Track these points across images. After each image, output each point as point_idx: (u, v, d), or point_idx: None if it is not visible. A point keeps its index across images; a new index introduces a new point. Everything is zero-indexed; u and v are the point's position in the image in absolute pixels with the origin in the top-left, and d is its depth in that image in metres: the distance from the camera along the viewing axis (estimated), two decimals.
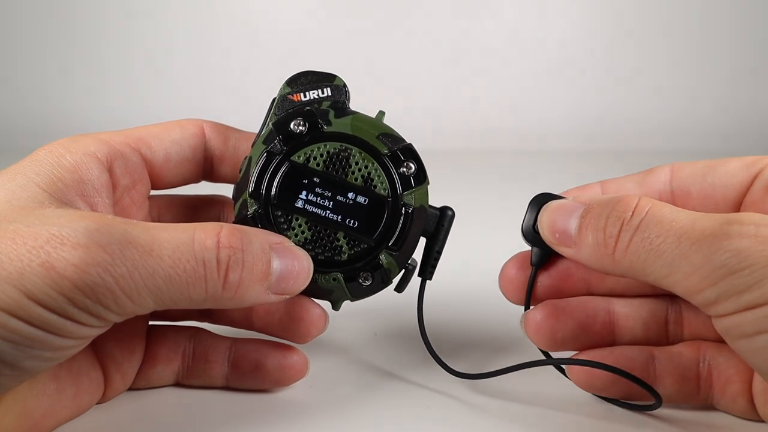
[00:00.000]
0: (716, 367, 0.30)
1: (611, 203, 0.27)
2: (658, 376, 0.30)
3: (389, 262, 0.30)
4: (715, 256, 0.23)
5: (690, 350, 0.31)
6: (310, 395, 0.33)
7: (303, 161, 0.30)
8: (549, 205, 0.30)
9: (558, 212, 0.29)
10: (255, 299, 0.27)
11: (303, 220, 0.30)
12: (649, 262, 0.25)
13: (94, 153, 0.28)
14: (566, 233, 0.28)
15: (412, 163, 0.31)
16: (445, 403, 0.33)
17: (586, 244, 0.27)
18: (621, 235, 0.26)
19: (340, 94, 0.31)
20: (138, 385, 0.33)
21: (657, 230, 0.25)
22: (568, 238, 0.28)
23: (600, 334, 0.31)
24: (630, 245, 0.26)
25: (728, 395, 0.30)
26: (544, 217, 0.29)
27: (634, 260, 0.26)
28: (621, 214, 0.26)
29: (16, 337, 0.22)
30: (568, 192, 0.32)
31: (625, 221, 0.26)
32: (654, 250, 0.25)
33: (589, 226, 0.27)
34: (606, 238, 0.26)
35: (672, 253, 0.24)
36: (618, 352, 0.31)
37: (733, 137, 1.16)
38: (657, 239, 0.25)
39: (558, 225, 0.29)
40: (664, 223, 0.25)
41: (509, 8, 1.26)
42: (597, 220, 0.27)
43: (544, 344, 0.31)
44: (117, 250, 0.23)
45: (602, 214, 0.27)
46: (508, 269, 0.33)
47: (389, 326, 0.42)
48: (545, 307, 0.31)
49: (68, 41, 1.24)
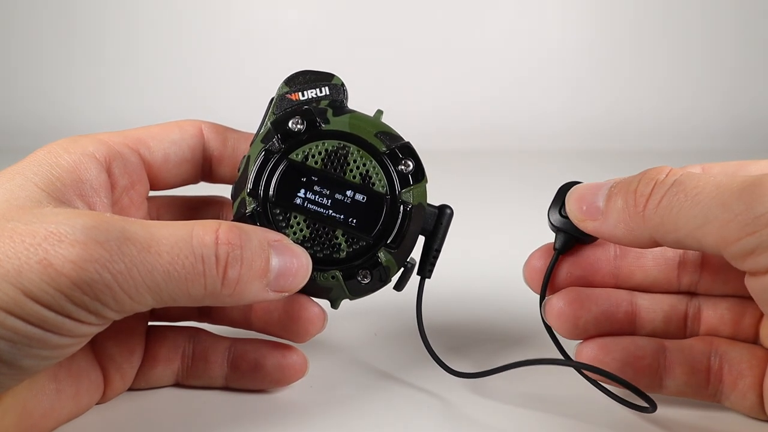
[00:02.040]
0: (728, 361, 0.30)
1: (643, 172, 0.27)
2: (668, 366, 0.30)
3: (388, 260, 0.30)
4: (757, 203, 0.23)
5: (702, 344, 0.31)
6: (310, 395, 0.33)
7: (301, 159, 0.30)
8: (579, 185, 0.30)
9: (587, 188, 0.29)
10: (254, 296, 0.27)
11: (301, 217, 0.30)
12: (682, 213, 0.25)
13: (92, 153, 0.28)
14: (594, 205, 0.28)
15: (410, 161, 0.31)
16: (444, 403, 0.32)
17: (614, 209, 0.27)
18: (654, 192, 0.26)
19: (338, 93, 0.31)
20: (137, 385, 0.32)
21: (693, 182, 0.25)
22: (596, 210, 0.28)
23: (621, 324, 0.31)
24: (663, 199, 0.25)
25: (739, 390, 0.29)
26: (573, 194, 0.29)
27: (666, 213, 0.25)
28: (654, 176, 0.26)
29: (14, 335, 0.22)
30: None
31: (658, 181, 0.26)
32: (690, 200, 0.24)
33: (619, 193, 0.27)
34: (637, 197, 0.26)
35: (710, 201, 0.24)
36: (628, 341, 0.31)
37: (735, 137, 1.16)
38: (693, 190, 0.25)
39: (586, 198, 0.29)
40: (700, 177, 0.25)
41: (509, 7, 1.26)
42: (628, 186, 0.27)
43: (566, 331, 0.31)
44: (115, 247, 0.23)
45: (633, 180, 0.27)
46: (533, 259, 0.32)
47: (389, 326, 0.42)
48: (568, 293, 0.31)
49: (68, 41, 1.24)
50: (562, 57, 1.26)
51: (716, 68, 1.26)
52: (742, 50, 1.26)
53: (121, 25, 1.25)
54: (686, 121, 1.21)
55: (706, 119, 1.21)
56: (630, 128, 1.19)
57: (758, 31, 1.26)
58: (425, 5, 1.26)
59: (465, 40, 1.26)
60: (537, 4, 1.27)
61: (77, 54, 1.24)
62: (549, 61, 1.26)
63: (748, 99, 1.24)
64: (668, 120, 1.21)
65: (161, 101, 1.18)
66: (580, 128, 1.18)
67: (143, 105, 1.18)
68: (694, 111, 1.22)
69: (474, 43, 1.26)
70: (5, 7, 1.23)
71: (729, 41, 1.26)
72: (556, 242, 0.32)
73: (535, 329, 0.41)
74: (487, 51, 1.26)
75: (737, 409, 0.30)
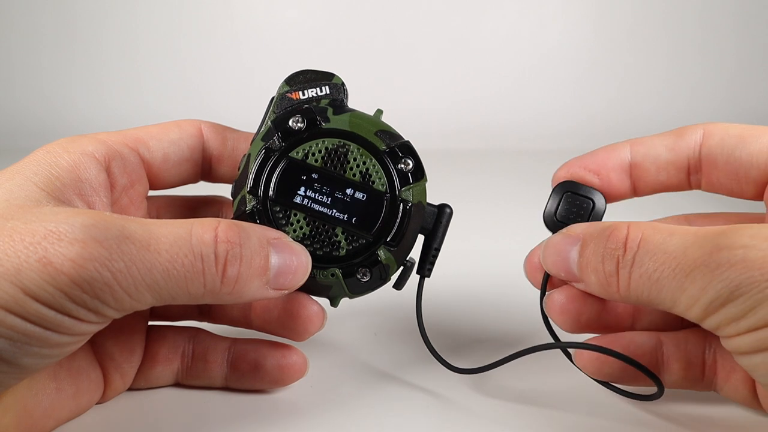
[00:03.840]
0: (722, 355, 0.30)
1: (603, 237, 0.27)
2: (665, 361, 0.31)
3: (387, 258, 0.30)
4: (710, 287, 0.24)
5: (696, 337, 0.31)
6: (310, 395, 0.33)
7: (301, 157, 0.30)
8: (548, 244, 0.30)
9: (557, 253, 0.29)
10: (254, 294, 0.27)
11: (301, 215, 0.30)
12: (653, 295, 0.26)
13: (91, 153, 0.28)
14: (570, 272, 0.29)
15: (410, 160, 0.31)
16: (445, 401, 0.32)
17: (590, 282, 0.28)
18: (620, 273, 0.26)
19: (338, 93, 0.31)
20: (137, 385, 0.32)
21: (651, 264, 0.25)
22: (574, 276, 0.29)
23: (622, 318, 0.32)
24: (630, 281, 0.26)
25: (731, 383, 0.30)
26: (547, 259, 0.30)
27: (639, 294, 0.26)
28: (614, 252, 0.26)
29: (13, 333, 0.22)
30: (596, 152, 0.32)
31: (619, 258, 0.26)
32: (654, 284, 0.25)
33: (588, 267, 0.28)
34: (606, 277, 0.27)
35: (670, 286, 0.25)
36: (628, 338, 0.31)
37: None
38: (654, 273, 0.25)
39: (561, 265, 0.29)
40: (657, 255, 0.25)
41: (509, 7, 1.26)
42: (594, 259, 0.27)
43: (568, 326, 0.31)
44: (114, 245, 0.23)
45: (597, 251, 0.27)
46: (534, 255, 0.33)
47: (389, 325, 0.42)
48: (570, 289, 0.31)
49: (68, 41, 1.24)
50: (562, 57, 1.26)
51: (716, 68, 1.26)
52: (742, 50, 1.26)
53: (120, 25, 1.25)
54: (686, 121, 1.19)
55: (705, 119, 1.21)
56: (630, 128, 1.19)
57: (758, 31, 1.27)
58: (425, 5, 1.26)
59: (465, 40, 1.26)
60: (537, 4, 1.27)
61: (77, 54, 1.24)
62: (549, 61, 1.26)
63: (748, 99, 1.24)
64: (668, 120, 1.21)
65: (161, 101, 1.18)
66: (580, 128, 1.18)
67: (143, 105, 1.18)
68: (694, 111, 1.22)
69: (474, 43, 1.26)
70: (5, 7, 1.23)
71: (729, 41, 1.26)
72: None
73: (535, 327, 0.41)
74: (487, 51, 1.26)
75: (732, 400, 0.31)
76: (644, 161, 0.31)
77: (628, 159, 0.32)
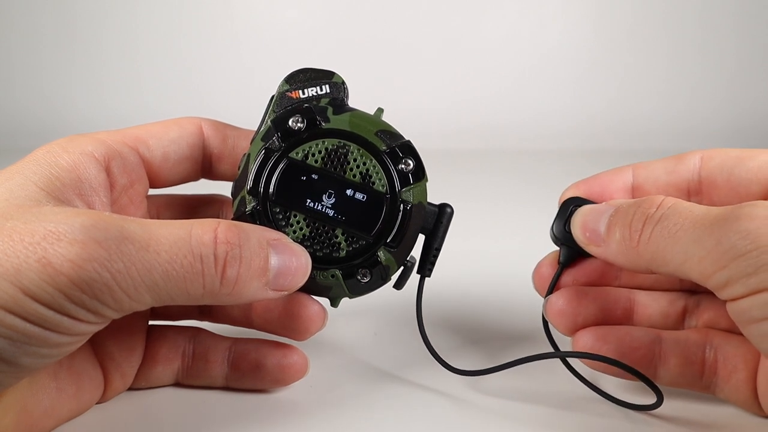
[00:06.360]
0: (723, 354, 0.30)
1: (638, 202, 0.28)
2: (663, 357, 0.31)
3: (388, 259, 0.30)
4: (725, 239, 0.24)
5: (697, 336, 0.31)
6: (310, 395, 0.33)
7: (301, 158, 0.30)
8: (583, 208, 0.31)
9: (590, 214, 0.30)
10: (253, 295, 0.27)
11: (301, 216, 0.30)
12: (667, 250, 0.26)
13: (91, 152, 0.28)
14: (596, 232, 0.29)
15: (410, 160, 0.30)
16: (445, 401, 0.32)
17: (613, 240, 0.28)
18: (644, 228, 0.27)
19: (338, 92, 0.31)
20: (138, 384, 0.32)
21: (675, 219, 0.26)
22: (598, 237, 0.29)
23: (619, 320, 0.32)
24: (651, 236, 0.27)
25: (732, 383, 0.30)
26: (577, 219, 0.31)
27: (655, 250, 0.26)
28: (646, 210, 0.27)
29: (12, 333, 0.22)
30: (600, 175, 0.33)
31: (649, 216, 0.27)
32: (671, 237, 0.26)
33: (617, 224, 0.28)
34: (631, 232, 0.27)
35: (687, 238, 0.25)
36: (624, 331, 0.31)
37: (735, 137, 1.15)
38: (674, 227, 0.26)
39: (589, 225, 0.30)
40: (682, 213, 0.26)
41: (509, 7, 1.26)
42: (624, 218, 0.28)
43: (565, 328, 0.32)
44: (114, 246, 0.23)
45: (629, 212, 0.28)
46: (542, 267, 0.34)
47: (389, 325, 0.42)
48: (567, 291, 0.32)
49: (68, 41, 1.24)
50: (562, 57, 1.26)
51: (715, 68, 1.26)
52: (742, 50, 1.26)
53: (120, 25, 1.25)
54: (686, 120, 1.21)
55: (705, 119, 1.21)
56: (630, 128, 1.19)
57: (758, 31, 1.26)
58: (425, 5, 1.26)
59: (465, 39, 1.26)
60: (537, 4, 1.27)
61: (77, 54, 1.24)
62: (549, 61, 1.26)
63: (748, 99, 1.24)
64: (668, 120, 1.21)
65: (161, 101, 1.18)
66: (580, 128, 1.18)
67: (143, 105, 1.18)
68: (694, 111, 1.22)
69: (474, 43, 1.26)
70: (5, 7, 1.23)
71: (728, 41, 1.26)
72: (561, 256, 0.33)
73: (535, 328, 0.41)
74: (487, 51, 1.26)
75: (731, 402, 0.31)
76: (645, 183, 0.33)
77: (631, 181, 0.33)
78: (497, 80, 1.24)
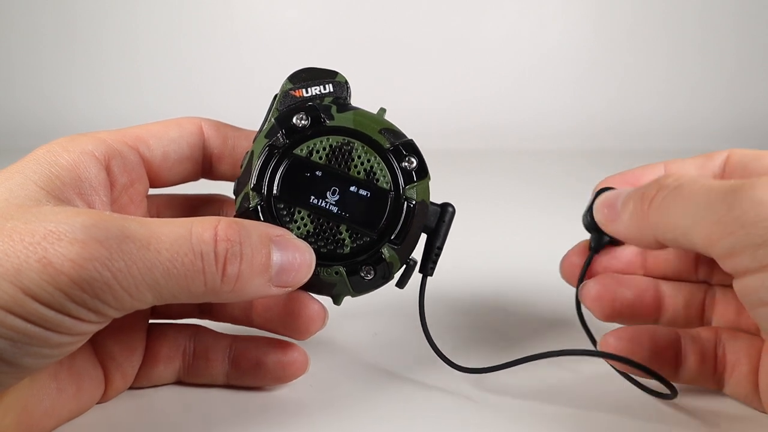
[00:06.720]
0: (729, 349, 0.31)
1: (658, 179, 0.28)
2: (684, 354, 0.31)
3: (391, 256, 0.30)
4: (737, 204, 0.23)
5: (708, 333, 0.31)
6: (310, 394, 0.33)
7: (305, 154, 0.30)
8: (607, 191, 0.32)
9: (611, 193, 0.31)
10: (256, 292, 0.27)
11: (305, 213, 0.30)
12: (677, 212, 0.26)
13: (91, 152, 0.28)
14: (613, 207, 0.30)
15: (413, 158, 0.30)
16: (448, 400, 0.32)
17: (626, 211, 0.29)
18: (657, 194, 0.27)
19: (341, 91, 0.31)
20: (139, 384, 0.32)
21: (689, 186, 0.26)
22: (615, 213, 0.30)
23: (649, 308, 0.33)
24: (663, 200, 0.27)
25: (735, 378, 0.30)
26: (600, 199, 0.32)
27: (663, 213, 0.27)
28: (663, 181, 0.28)
29: (13, 334, 0.22)
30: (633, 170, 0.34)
31: (663, 185, 0.27)
32: (683, 199, 0.26)
33: (632, 197, 0.29)
34: (643, 198, 0.28)
35: (698, 201, 0.25)
36: (651, 332, 0.32)
37: (735, 137, 1.16)
38: (687, 192, 0.26)
39: (609, 202, 0.31)
40: (698, 181, 0.26)
41: (509, 7, 1.26)
42: (639, 191, 0.29)
43: (602, 314, 0.33)
44: (114, 245, 0.23)
45: (646, 186, 0.28)
46: (571, 256, 0.35)
47: (390, 324, 0.41)
48: (604, 278, 0.33)
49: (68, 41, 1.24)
50: (562, 57, 1.26)
51: (715, 68, 1.26)
52: (742, 50, 1.27)
53: (120, 25, 1.25)
54: (686, 120, 1.21)
55: (705, 119, 1.21)
56: (630, 128, 1.19)
57: (758, 31, 1.27)
58: (425, 5, 1.26)
59: (465, 39, 1.26)
60: (537, 4, 1.27)
61: (77, 54, 1.24)
62: (549, 61, 1.26)
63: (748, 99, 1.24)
64: (668, 120, 1.22)
65: (161, 101, 1.18)
66: (580, 128, 1.18)
67: (143, 105, 1.18)
68: (694, 111, 1.22)
69: (474, 43, 1.26)
70: (5, 7, 1.23)
71: (728, 41, 1.27)
72: (591, 242, 0.34)
73: (537, 326, 0.41)
74: (487, 51, 1.26)
75: (735, 397, 0.31)
76: None
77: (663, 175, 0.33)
78: (497, 80, 1.24)
